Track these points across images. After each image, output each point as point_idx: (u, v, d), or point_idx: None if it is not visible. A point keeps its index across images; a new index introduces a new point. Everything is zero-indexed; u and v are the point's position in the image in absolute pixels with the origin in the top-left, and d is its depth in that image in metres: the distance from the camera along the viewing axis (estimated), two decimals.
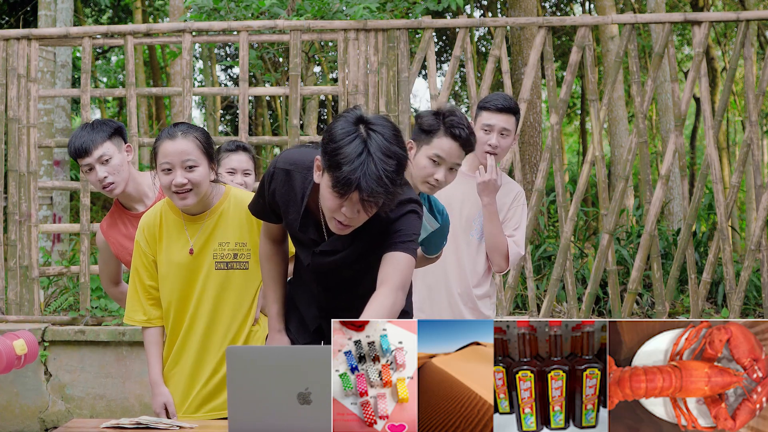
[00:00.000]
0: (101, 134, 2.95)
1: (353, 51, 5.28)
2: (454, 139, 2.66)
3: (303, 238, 2.37)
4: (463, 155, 2.72)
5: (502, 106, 3.23)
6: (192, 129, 2.68)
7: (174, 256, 2.72)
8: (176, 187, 2.61)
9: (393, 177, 2.05)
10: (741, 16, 5.24)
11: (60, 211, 7.87)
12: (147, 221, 2.77)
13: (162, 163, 2.62)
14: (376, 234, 2.28)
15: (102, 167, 2.94)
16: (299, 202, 2.32)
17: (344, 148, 2.04)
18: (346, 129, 2.07)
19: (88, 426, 2.29)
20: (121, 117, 19.46)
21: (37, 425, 5.00)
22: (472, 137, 2.70)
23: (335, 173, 2.04)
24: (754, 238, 5.18)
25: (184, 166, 2.61)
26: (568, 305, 5.32)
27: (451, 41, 15.07)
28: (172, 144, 2.62)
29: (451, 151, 2.67)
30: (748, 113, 5.22)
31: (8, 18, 12.42)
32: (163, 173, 2.63)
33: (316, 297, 2.51)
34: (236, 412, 1.96)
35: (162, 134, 2.67)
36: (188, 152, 2.62)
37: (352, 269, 2.41)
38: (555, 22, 5.39)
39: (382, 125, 2.09)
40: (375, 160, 2.02)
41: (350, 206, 2.09)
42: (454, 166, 2.70)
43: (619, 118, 9.89)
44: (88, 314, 5.23)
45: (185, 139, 2.63)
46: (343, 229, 2.17)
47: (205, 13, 6.40)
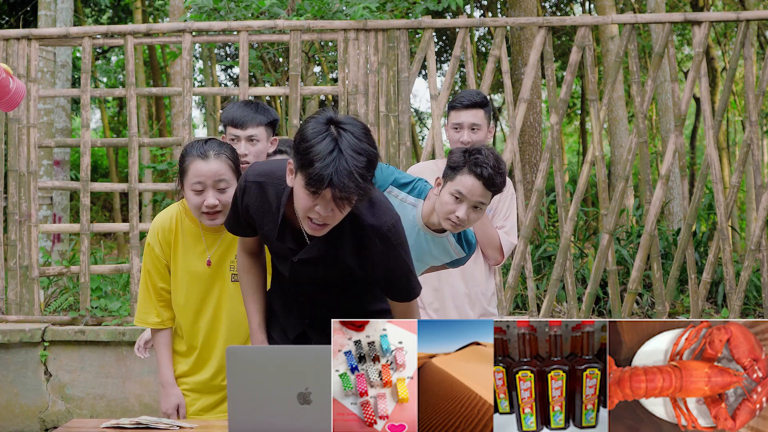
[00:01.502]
0: (261, 117, 3.04)
1: (353, 51, 5.28)
2: (477, 178, 2.61)
3: (281, 248, 2.38)
4: (489, 195, 2.66)
5: (468, 102, 3.27)
6: (223, 148, 2.65)
7: (190, 266, 2.71)
8: (207, 208, 2.59)
9: (364, 173, 2.09)
10: (741, 16, 5.24)
11: (60, 211, 7.87)
12: (162, 225, 2.74)
13: (193, 183, 2.59)
14: (353, 238, 2.31)
15: (246, 144, 3.01)
16: (275, 212, 2.34)
17: (316, 147, 2.09)
18: (317, 129, 2.12)
19: (88, 426, 2.28)
20: (121, 117, 19.47)
21: (37, 425, 5.00)
22: (497, 177, 2.63)
23: (308, 170, 2.09)
24: (754, 238, 5.18)
25: (217, 188, 2.59)
26: (568, 305, 5.32)
27: (451, 41, 15.07)
28: (205, 164, 2.58)
29: (473, 189, 2.61)
30: (748, 113, 5.22)
31: (8, 18, 12.43)
32: (193, 193, 2.60)
33: (298, 305, 2.52)
34: (236, 412, 1.96)
35: (191, 151, 2.63)
36: (221, 173, 2.59)
37: (333, 276, 2.43)
38: (555, 22, 5.39)
39: (352, 124, 2.14)
40: (346, 156, 2.07)
41: (324, 204, 2.12)
42: (478, 204, 2.64)
43: (619, 118, 9.89)
44: (88, 314, 5.23)
45: (218, 159, 2.60)
46: (317, 229, 2.19)
47: (205, 13, 6.40)
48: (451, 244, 2.80)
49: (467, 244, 2.84)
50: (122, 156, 16.80)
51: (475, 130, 3.28)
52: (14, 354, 5.00)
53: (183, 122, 5.46)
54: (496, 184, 2.64)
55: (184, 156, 2.65)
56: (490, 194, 2.66)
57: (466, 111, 3.28)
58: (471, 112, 3.28)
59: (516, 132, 5.30)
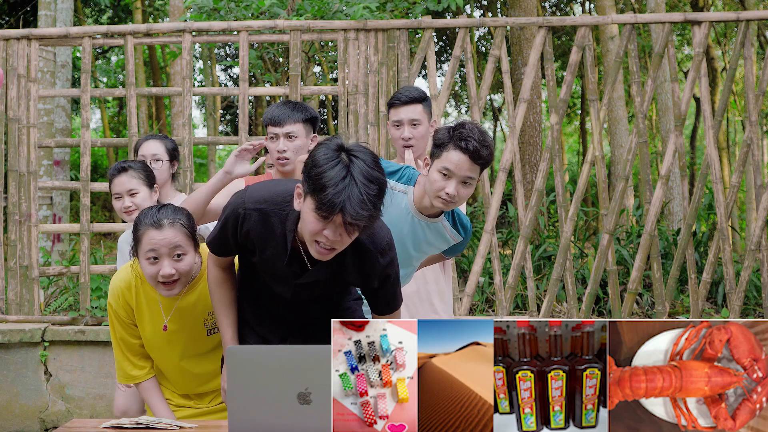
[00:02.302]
0: (299, 115, 3.14)
1: (353, 51, 5.28)
2: (462, 152, 2.59)
3: (284, 271, 2.38)
4: (477, 168, 2.63)
5: (406, 99, 3.30)
6: (177, 215, 2.57)
7: (147, 330, 2.66)
8: (164, 278, 2.52)
9: (375, 201, 2.12)
10: (741, 16, 5.24)
11: (60, 211, 7.87)
12: (120, 289, 2.67)
13: (147, 251, 2.51)
14: (354, 257, 2.34)
15: (285, 141, 3.11)
16: (279, 238, 2.34)
17: (328, 172, 2.09)
18: (329, 155, 2.13)
19: (88, 426, 2.28)
20: (121, 117, 19.47)
21: (37, 425, 5.00)
22: (483, 150, 2.60)
23: (319, 196, 2.09)
24: (754, 238, 5.18)
25: (173, 255, 2.52)
26: (568, 305, 5.32)
27: (451, 41, 15.07)
28: (159, 233, 2.51)
29: (460, 163, 2.59)
30: (748, 113, 5.22)
31: (8, 18, 12.43)
32: (148, 262, 2.52)
33: (281, 318, 2.54)
34: (236, 412, 1.96)
35: (144, 220, 2.55)
36: (176, 241, 2.52)
37: (331, 292, 2.49)
38: (555, 22, 5.39)
39: (363, 152, 2.16)
40: (358, 184, 2.09)
41: (333, 229, 2.13)
42: (467, 179, 2.62)
43: (619, 118, 9.89)
44: (88, 314, 5.23)
45: (173, 228, 2.53)
46: (325, 253, 2.20)
47: (205, 13, 6.40)
48: (446, 227, 2.79)
49: (462, 227, 2.83)
50: (122, 156, 16.79)
51: (416, 125, 3.31)
52: (14, 354, 5.00)
53: (183, 122, 5.46)
54: (482, 157, 2.61)
55: (137, 225, 2.56)
56: (478, 168, 2.63)
57: (405, 107, 3.31)
58: (410, 107, 3.31)
59: (516, 132, 5.30)
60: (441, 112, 5.34)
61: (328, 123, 15.30)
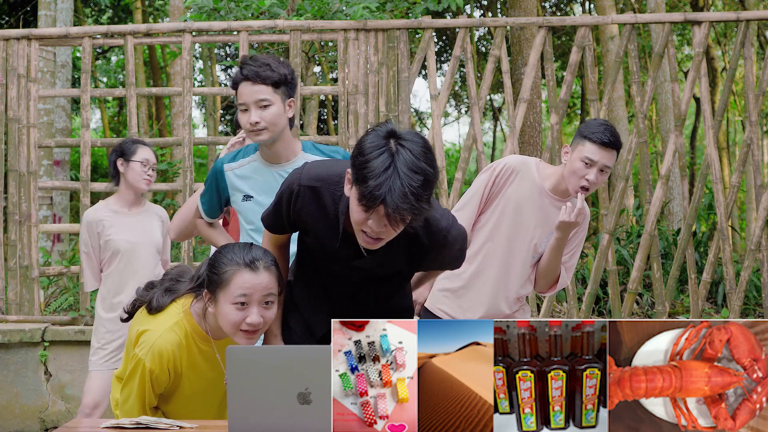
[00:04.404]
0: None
1: (353, 51, 5.28)
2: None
3: (338, 253, 2.34)
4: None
5: (608, 141, 2.97)
6: (269, 256, 2.37)
7: (197, 386, 2.43)
8: (250, 326, 2.30)
9: (419, 193, 2.02)
10: (741, 16, 5.24)
11: (60, 211, 7.87)
12: (169, 354, 2.35)
13: (237, 296, 2.28)
14: (407, 251, 2.32)
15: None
16: (332, 219, 2.29)
17: (371, 162, 2.02)
18: (376, 143, 2.06)
19: (88, 426, 2.28)
20: (121, 117, 19.47)
21: (37, 425, 5.00)
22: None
23: (362, 187, 2.03)
24: (754, 238, 5.18)
25: (263, 303, 2.31)
26: (568, 305, 5.31)
27: (451, 41, 15.07)
28: (255, 276, 2.29)
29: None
30: (748, 113, 5.22)
31: (8, 18, 12.43)
32: (234, 307, 2.29)
33: (330, 305, 2.49)
34: (236, 412, 1.96)
35: (235, 258, 2.32)
36: (270, 287, 2.32)
37: (385, 274, 2.42)
38: (555, 22, 5.39)
39: (413, 141, 2.06)
40: (401, 175, 2.00)
41: (377, 220, 2.07)
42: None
43: (619, 118, 9.89)
44: (88, 314, 5.23)
45: (268, 272, 2.33)
46: (372, 243, 2.16)
47: (205, 13, 6.40)
48: None
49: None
50: None
51: (605, 172, 3.01)
52: (14, 354, 5.00)
53: (183, 122, 5.46)
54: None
55: (223, 263, 2.32)
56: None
57: (604, 150, 2.98)
58: (608, 153, 2.98)
59: (516, 132, 5.30)
60: (441, 112, 5.34)
61: (328, 123, 15.30)
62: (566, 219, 2.94)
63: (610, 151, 2.98)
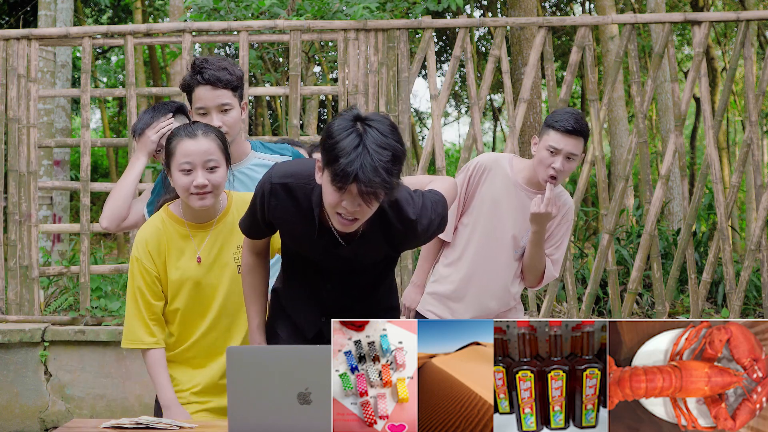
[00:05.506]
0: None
1: (353, 51, 5.28)
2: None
3: (317, 246, 2.39)
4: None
5: (572, 129, 2.99)
6: (210, 128, 2.61)
7: (183, 268, 2.63)
8: (196, 188, 2.54)
9: (389, 167, 2.11)
10: (741, 16, 5.24)
11: (60, 211, 7.87)
12: (148, 235, 2.64)
13: (182, 163, 2.53)
14: (394, 240, 2.37)
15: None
16: (307, 212, 2.35)
17: (341, 143, 2.11)
18: (344, 125, 2.15)
19: (88, 426, 2.28)
20: (121, 117, 19.46)
21: (37, 425, 5.00)
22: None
23: (333, 167, 2.11)
24: (754, 238, 5.18)
25: (206, 167, 2.54)
26: (568, 305, 5.31)
27: (451, 41, 15.06)
28: (193, 143, 2.54)
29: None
30: (748, 113, 5.22)
31: (8, 18, 12.43)
32: (182, 173, 2.54)
33: (320, 303, 2.52)
34: (236, 412, 1.96)
35: (179, 132, 2.58)
36: (210, 152, 2.55)
37: (372, 271, 2.49)
38: (555, 22, 5.39)
39: (378, 120, 2.17)
40: (371, 152, 2.09)
41: (350, 199, 2.14)
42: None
43: (619, 118, 9.89)
44: (88, 314, 5.23)
45: (207, 138, 2.56)
46: (347, 224, 2.21)
47: (205, 13, 6.40)
48: None
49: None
50: (122, 156, 16.80)
51: (571, 159, 3.03)
52: (14, 354, 5.00)
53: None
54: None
55: (170, 138, 2.59)
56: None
57: (569, 138, 3.00)
58: (573, 140, 3.01)
59: (516, 132, 5.30)
60: (441, 112, 5.34)
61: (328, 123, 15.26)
62: (536, 210, 2.99)
63: (575, 138, 3.01)
